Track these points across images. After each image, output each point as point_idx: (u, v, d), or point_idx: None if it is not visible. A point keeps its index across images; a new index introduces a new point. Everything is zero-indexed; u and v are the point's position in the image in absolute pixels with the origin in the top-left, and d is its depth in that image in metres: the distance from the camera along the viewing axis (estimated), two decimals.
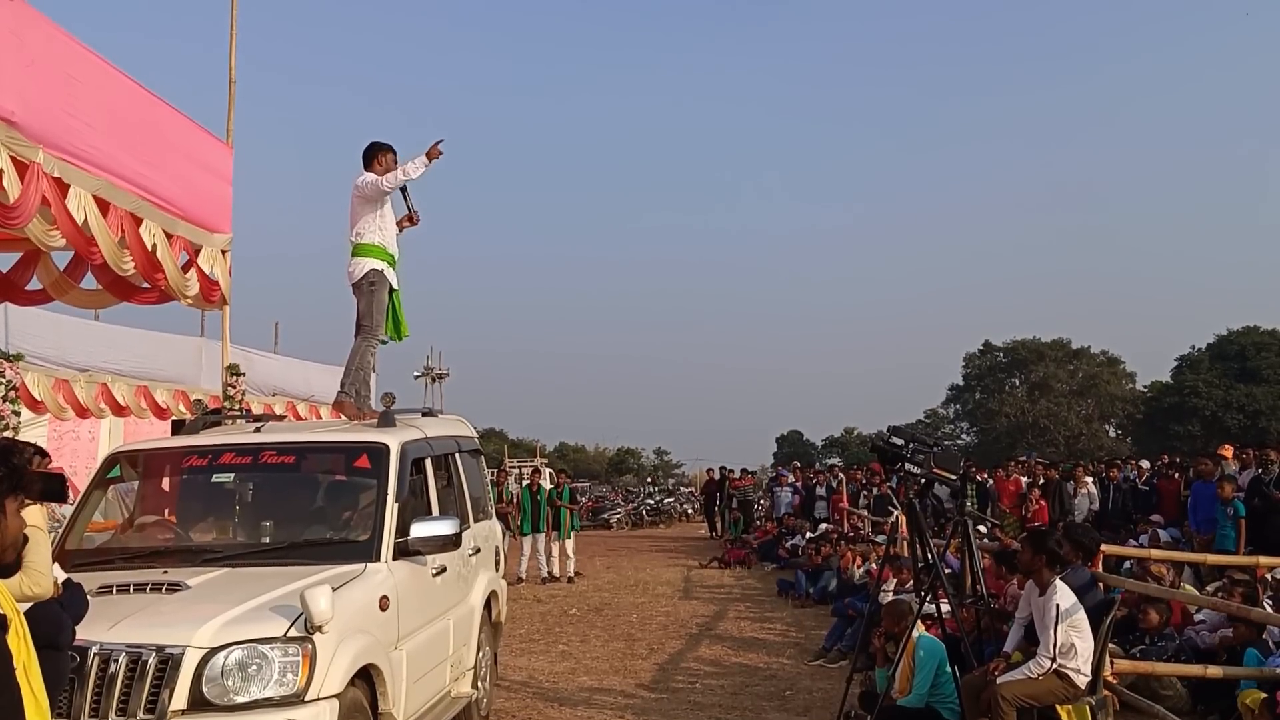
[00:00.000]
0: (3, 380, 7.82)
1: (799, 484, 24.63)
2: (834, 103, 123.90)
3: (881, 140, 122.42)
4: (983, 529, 12.92)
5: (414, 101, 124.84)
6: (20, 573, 3.59)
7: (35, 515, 3.69)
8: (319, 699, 4.67)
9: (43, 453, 5.42)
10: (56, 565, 4.15)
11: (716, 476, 28.36)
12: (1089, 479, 17.23)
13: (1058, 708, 6.54)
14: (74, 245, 7.30)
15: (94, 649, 4.46)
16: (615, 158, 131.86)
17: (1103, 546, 8.36)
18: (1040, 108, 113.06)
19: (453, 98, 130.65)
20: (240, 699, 4.55)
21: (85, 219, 7.07)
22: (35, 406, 12.42)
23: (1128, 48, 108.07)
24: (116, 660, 4.50)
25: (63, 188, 6.82)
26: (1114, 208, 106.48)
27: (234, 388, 9.67)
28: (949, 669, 7.06)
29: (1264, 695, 6.51)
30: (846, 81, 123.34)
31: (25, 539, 3.47)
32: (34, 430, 12.05)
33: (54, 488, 3.32)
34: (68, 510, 6.48)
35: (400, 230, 8.12)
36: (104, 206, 7.40)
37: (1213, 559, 10.12)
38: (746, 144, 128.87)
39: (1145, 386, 60.43)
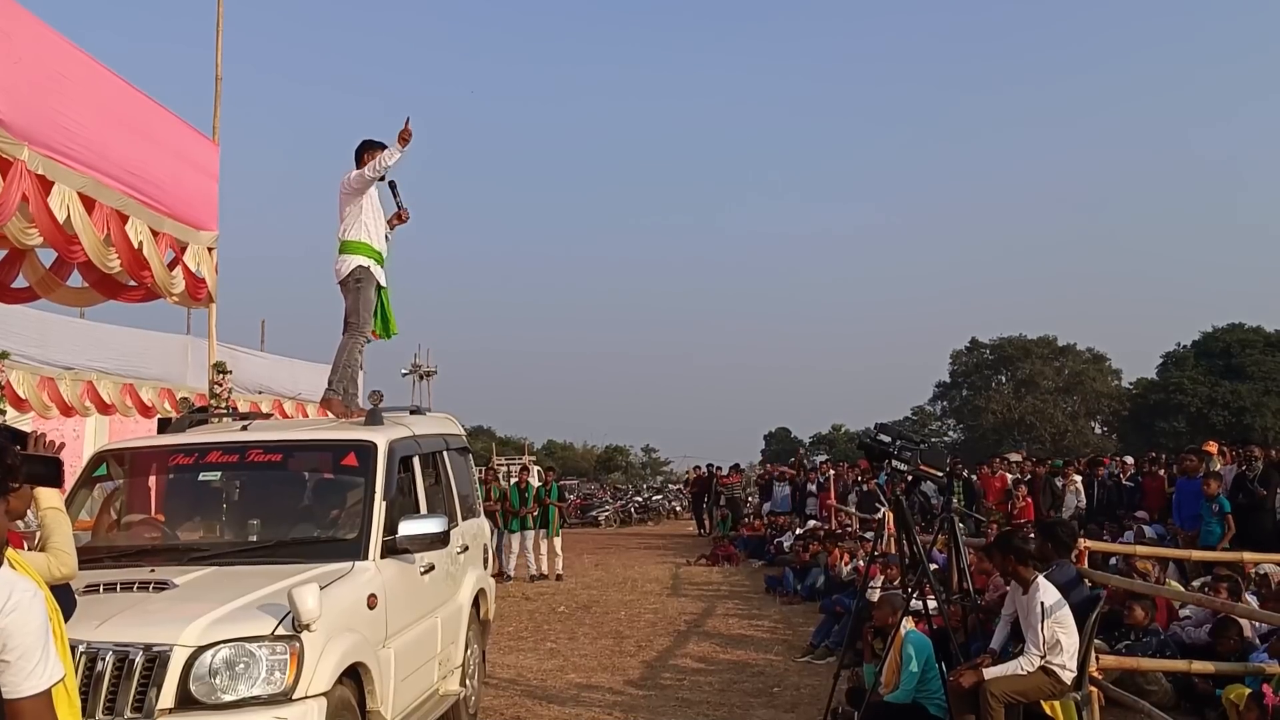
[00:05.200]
0: None
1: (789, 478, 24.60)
2: (820, 103, 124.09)
3: (870, 142, 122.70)
4: (964, 524, 12.95)
5: (403, 100, 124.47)
6: (46, 554, 3.59)
7: (53, 497, 3.68)
8: (307, 697, 4.67)
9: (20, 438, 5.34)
10: None
11: (705, 474, 28.39)
12: (1077, 476, 17.30)
13: (1043, 703, 6.58)
14: (52, 244, 7.27)
15: (80, 648, 4.44)
16: (607, 156, 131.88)
17: (1088, 543, 8.39)
18: (1028, 109, 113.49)
19: (443, 97, 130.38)
20: (228, 697, 4.54)
21: (68, 216, 7.04)
22: (20, 405, 12.38)
23: (1115, 48, 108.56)
24: (103, 659, 4.49)
25: (46, 185, 6.80)
26: (1101, 206, 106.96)
27: (220, 386, 9.64)
28: (936, 665, 7.09)
29: (1249, 690, 6.56)
30: (837, 82, 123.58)
31: None
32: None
33: (38, 470, 3.30)
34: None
35: (391, 228, 8.12)
36: (89, 204, 7.37)
37: (1198, 555, 10.17)
38: (737, 145, 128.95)
39: (1131, 383, 60.81)
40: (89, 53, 7.48)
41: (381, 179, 7.87)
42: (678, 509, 37.73)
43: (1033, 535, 7.27)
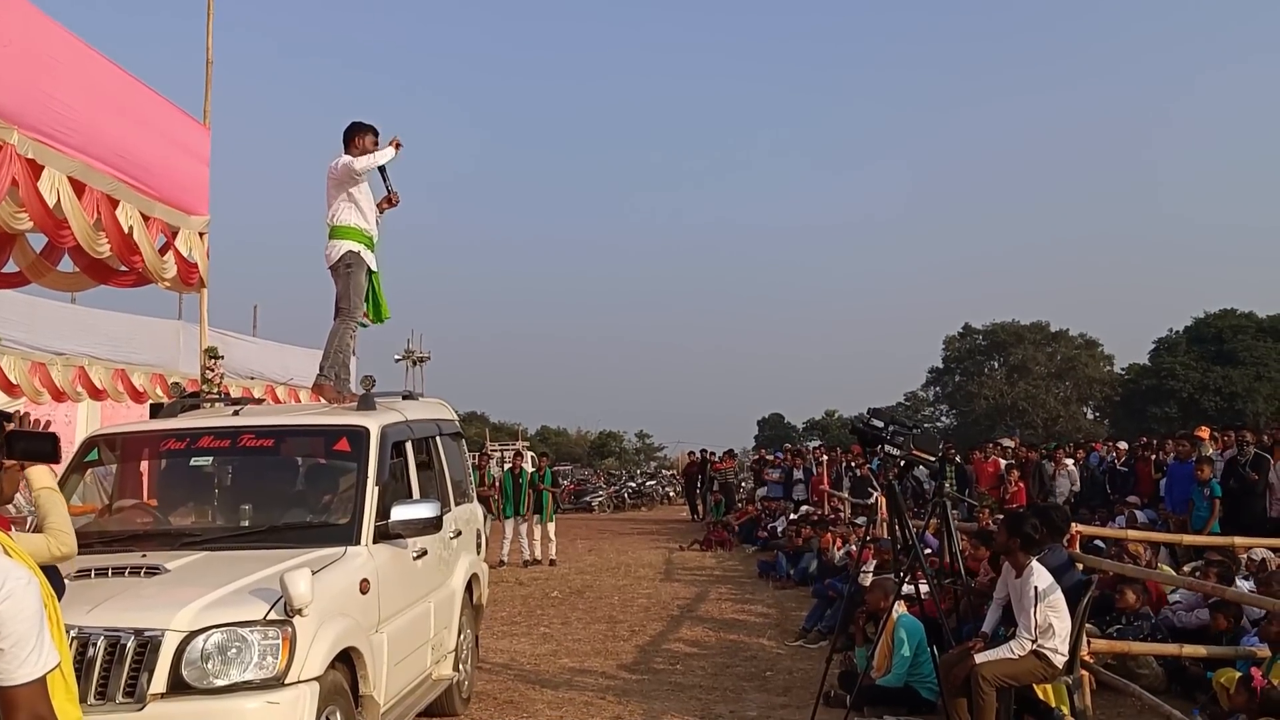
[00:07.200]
0: None
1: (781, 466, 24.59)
2: (814, 81, 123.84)
3: (864, 129, 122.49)
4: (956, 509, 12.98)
5: (397, 83, 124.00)
6: (44, 535, 3.57)
7: (45, 476, 3.65)
8: (299, 682, 4.67)
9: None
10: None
11: (698, 459, 28.39)
12: (1069, 461, 17.36)
13: (1035, 687, 6.60)
14: (42, 228, 7.22)
15: (72, 633, 4.42)
16: (600, 141, 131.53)
17: (1079, 527, 8.41)
18: (1020, 92, 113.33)
19: (437, 80, 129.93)
20: (220, 682, 4.54)
21: (58, 201, 7.00)
22: (11, 390, 12.34)
23: (1104, 25, 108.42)
24: (95, 644, 4.48)
25: (36, 169, 6.76)
26: (1094, 191, 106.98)
27: (212, 371, 9.60)
28: (928, 649, 7.11)
29: (1239, 674, 6.59)
30: (829, 67, 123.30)
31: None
32: None
33: (34, 447, 3.28)
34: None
35: (381, 212, 8.09)
36: (79, 188, 7.33)
37: (1189, 539, 10.21)
38: (733, 132, 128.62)
39: (1123, 369, 60.90)
40: (78, 35, 7.43)
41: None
42: (671, 494, 37.78)
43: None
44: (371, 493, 5.84)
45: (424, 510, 5.94)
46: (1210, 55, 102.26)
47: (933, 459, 7.11)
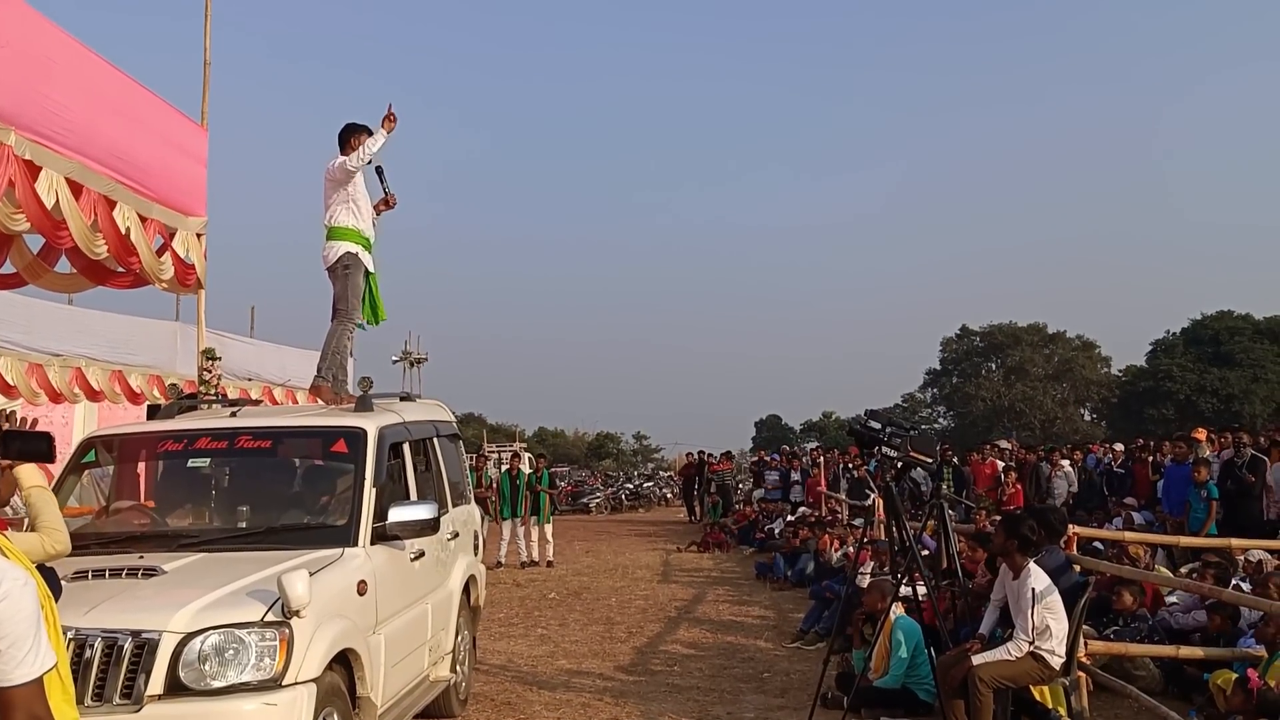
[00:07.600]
0: None
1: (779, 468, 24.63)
2: (812, 82, 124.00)
3: (860, 130, 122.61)
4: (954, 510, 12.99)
5: (395, 84, 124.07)
6: (38, 534, 3.56)
7: (34, 475, 3.65)
8: (296, 683, 4.66)
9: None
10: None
11: (696, 461, 28.38)
12: (1065, 462, 17.37)
13: (1032, 688, 6.61)
14: (40, 229, 7.22)
15: (69, 634, 4.41)
16: (596, 143, 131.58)
17: (1077, 529, 8.42)
18: (1019, 93, 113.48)
19: (435, 80, 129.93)
20: (217, 684, 4.53)
21: (56, 202, 6.99)
22: (8, 391, 12.34)
23: (1102, 26, 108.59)
24: (92, 645, 4.47)
25: (34, 170, 6.75)
26: (1090, 192, 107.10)
27: (209, 372, 9.58)
28: (925, 650, 7.11)
29: (1235, 676, 6.59)
30: (832, 59, 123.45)
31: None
32: None
33: (30, 447, 3.29)
34: None
35: (378, 214, 8.09)
36: (76, 189, 7.32)
37: (1186, 541, 10.21)
38: (732, 132, 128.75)
39: (1120, 371, 60.94)
40: (75, 36, 7.42)
41: (368, 163, 7.84)
42: (669, 496, 37.74)
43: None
44: (369, 494, 5.84)
45: (421, 512, 5.94)
46: (1208, 57, 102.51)
47: (930, 460, 7.11)
